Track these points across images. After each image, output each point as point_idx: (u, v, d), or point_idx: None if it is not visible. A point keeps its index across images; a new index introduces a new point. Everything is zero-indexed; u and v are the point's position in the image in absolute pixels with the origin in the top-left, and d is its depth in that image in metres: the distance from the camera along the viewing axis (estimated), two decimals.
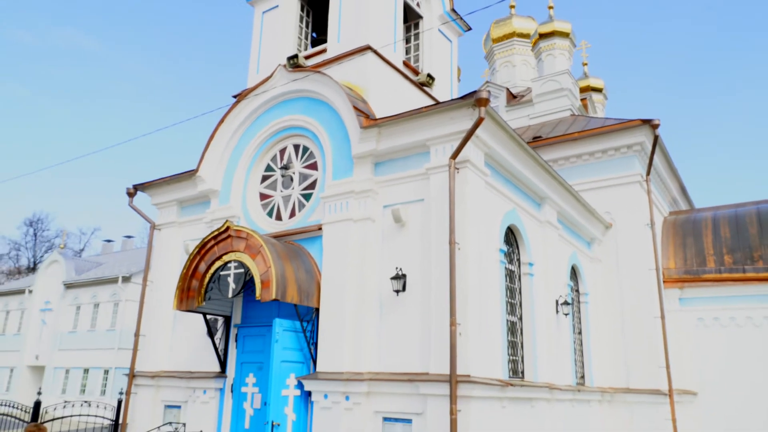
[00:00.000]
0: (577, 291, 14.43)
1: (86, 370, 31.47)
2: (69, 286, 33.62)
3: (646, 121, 14.87)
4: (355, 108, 10.58)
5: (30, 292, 35.80)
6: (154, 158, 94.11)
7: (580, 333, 14.25)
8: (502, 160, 10.51)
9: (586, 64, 29.74)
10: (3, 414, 11.80)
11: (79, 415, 11.36)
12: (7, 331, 37.35)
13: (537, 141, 16.73)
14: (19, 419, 11.59)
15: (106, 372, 30.59)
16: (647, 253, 14.76)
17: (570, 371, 12.75)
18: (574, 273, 14.15)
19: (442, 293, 8.97)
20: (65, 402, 12.46)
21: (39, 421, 11.15)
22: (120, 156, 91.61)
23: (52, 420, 11.42)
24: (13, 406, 11.83)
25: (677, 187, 19.05)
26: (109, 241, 46.41)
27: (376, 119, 10.37)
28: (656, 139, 14.77)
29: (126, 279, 31.00)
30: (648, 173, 15.31)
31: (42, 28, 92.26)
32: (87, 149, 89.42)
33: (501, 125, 9.87)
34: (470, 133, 9.00)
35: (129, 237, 45.57)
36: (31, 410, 11.33)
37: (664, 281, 15.30)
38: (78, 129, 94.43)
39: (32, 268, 58.77)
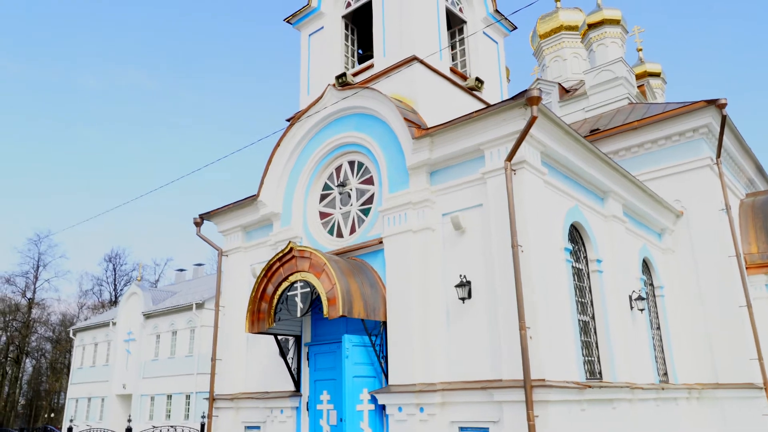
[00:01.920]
0: (651, 285, 13.84)
1: (169, 396, 32.75)
2: (148, 316, 35.18)
3: (712, 102, 14.19)
4: (406, 119, 10.63)
5: (114, 324, 37.68)
6: (217, 186, 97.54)
7: (658, 328, 13.65)
8: (560, 157, 10.28)
9: (640, 50, 28.79)
10: None
11: None
12: (97, 363, 39.42)
13: (595, 134, 16.27)
14: None
15: (188, 397, 31.72)
16: (725, 239, 14.00)
17: (651, 369, 12.23)
18: (646, 266, 13.60)
19: (508, 297, 8.83)
20: (153, 427, 13.00)
21: None
22: (185, 187, 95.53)
23: None
24: None
25: (753, 166, 18.03)
26: (181, 270, 48.34)
27: (428, 128, 10.39)
28: (724, 119, 14.06)
29: (200, 305, 32.12)
30: (718, 156, 14.58)
31: (106, 71, 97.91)
32: (153, 183, 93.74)
33: (555, 122, 9.67)
34: (524, 133, 8.87)
35: (199, 265, 47.26)
36: None
37: (746, 267, 14.48)
38: (142, 164, 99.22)
39: (114, 302, 61.89)
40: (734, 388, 13.19)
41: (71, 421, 14.71)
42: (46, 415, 58.17)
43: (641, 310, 11.96)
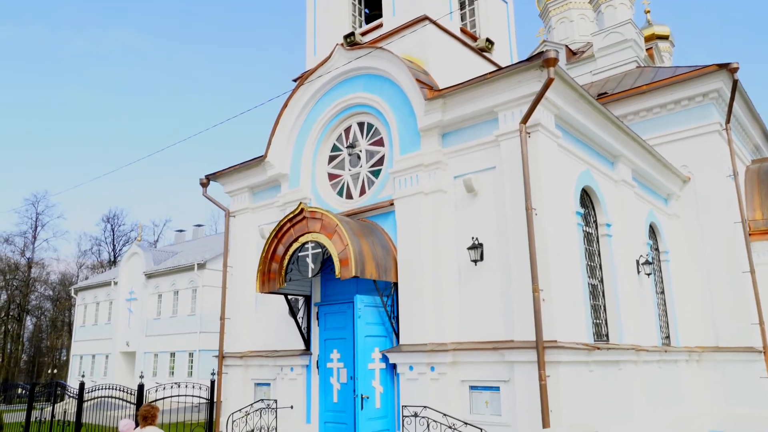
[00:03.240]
0: (657, 249, 13.95)
1: (172, 354, 33.21)
2: (149, 275, 35.37)
3: (723, 66, 14.03)
4: (418, 80, 10.49)
5: (115, 283, 37.91)
6: (218, 148, 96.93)
7: (662, 292, 13.82)
8: (573, 121, 10.20)
9: (648, 12, 28.37)
10: (111, 396, 12.68)
11: (178, 396, 12.05)
12: (99, 321, 39.82)
13: (603, 97, 16.11)
14: (126, 401, 12.42)
15: (191, 354, 32.17)
16: (731, 206, 14.06)
17: (655, 332, 12.43)
18: (652, 231, 13.68)
19: (521, 260, 8.90)
20: (157, 384, 13.22)
21: (144, 402, 11.91)
22: (183, 149, 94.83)
23: (155, 401, 12.15)
24: (119, 389, 12.69)
25: (760, 132, 17.97)
26: (180, 231, 48.38)
27: (440, 90, 10.26)
28: (735, 84, 13.94)
29: (201, 266, 32.25)
30: (728, 121, 14.50)
31: (94, 33, 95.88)
32: (151, 145, 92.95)
33: (570, 85, 9.57)
34: (540, 95, 8.78)
35: (199, 226, 47.33)
36: (136, 392, 12.09)
37: (750, 234, 14.55)
38: (140, 125, 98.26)
39: (113, 262, 62.14)
40: (734, 351, 13.44)
41: (82, 375, 15.01)
42: (48, 371, 59.12)
43: (648, 274, 12.08)
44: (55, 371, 59.41)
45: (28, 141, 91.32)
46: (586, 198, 11.03)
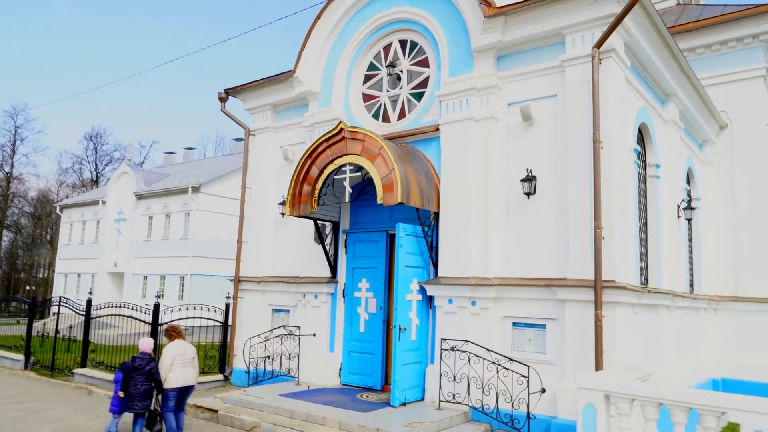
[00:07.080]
0: (689, 196, 13.58)
1: (163, 277, 32.75)
2: (140, 196, 34.38)
3: None
4: None
5: (104, 202, 36.86)
6: (218, 70, 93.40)
7: (690, 240, 13.56)
8: (640, 51, 9.50)
9: None
10: (125, 315, 12.20)
11: (194, 318, 11.62)
12: (86, 240, 38.98)
13: None
14: (142, 320, 11.96)
15: (182, 278, 31.76)
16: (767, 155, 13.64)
17: (685, 279, 12.22)
18: (688, 177, 13.27)
19: (581, 195, 8.41)
20: (146, 305, 12.74)
21: (159, 323, 11.47)
22: (175, 69, 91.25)
23: (171, 321, 11.71)
24: (131, 308, 12.21)
25: None
26: (170, 153, 46.95)
27: (501, 7, 9.40)
28: None
29: (195, 189, 31.34)
30: None
31: None
32: (139, 63, 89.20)
33: (647, 10, 8.81)
34: (620, 17, 8.03)
35: (190, 149, 45.98)
36: (152, 312, 11.61)
37: None
38: (131, 41, 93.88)
39: (95, 181, 60.52)
40: (753, 302, 13.35)
41: (90, 293, 14.35)
42: (27, 288, 58.50)
43: (688, 219, 11.74)
44: (33, 288, 58.77)
45: (9, 53, 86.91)
46: (639, 137, 10.47)
